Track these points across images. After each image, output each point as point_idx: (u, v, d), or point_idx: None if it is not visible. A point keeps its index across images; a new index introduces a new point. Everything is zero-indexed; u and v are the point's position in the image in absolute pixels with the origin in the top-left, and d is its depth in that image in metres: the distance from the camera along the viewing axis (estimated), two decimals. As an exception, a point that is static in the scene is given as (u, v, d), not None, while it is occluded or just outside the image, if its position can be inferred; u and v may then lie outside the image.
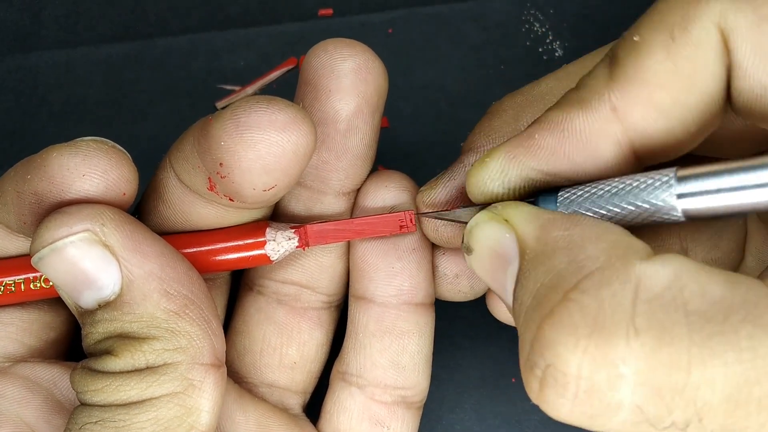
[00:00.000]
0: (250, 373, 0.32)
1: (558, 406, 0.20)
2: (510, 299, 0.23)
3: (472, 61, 0.43)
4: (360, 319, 0.31)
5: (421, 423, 0.35)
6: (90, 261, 0.24)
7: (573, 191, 0.24)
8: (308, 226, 0.28)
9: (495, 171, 0.25)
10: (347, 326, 0.32)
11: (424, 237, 0.31)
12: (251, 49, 0.43)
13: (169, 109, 0.42)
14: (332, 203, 0.30)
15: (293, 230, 0.28)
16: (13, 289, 0.28)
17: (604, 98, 0.23)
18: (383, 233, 0.29)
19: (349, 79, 0.28)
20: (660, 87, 0.22)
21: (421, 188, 0.30)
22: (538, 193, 0.25)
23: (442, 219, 0.29)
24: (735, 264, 0.30)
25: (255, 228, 0.28)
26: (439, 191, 0.29)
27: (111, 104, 0.42)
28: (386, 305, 0.30)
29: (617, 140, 0.23)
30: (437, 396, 0.37)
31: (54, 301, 0.30)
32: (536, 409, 0.37)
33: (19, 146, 0.41)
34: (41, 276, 0.28)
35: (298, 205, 0.31)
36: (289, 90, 0.42)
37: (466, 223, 0.26)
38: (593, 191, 0.24)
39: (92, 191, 0.25)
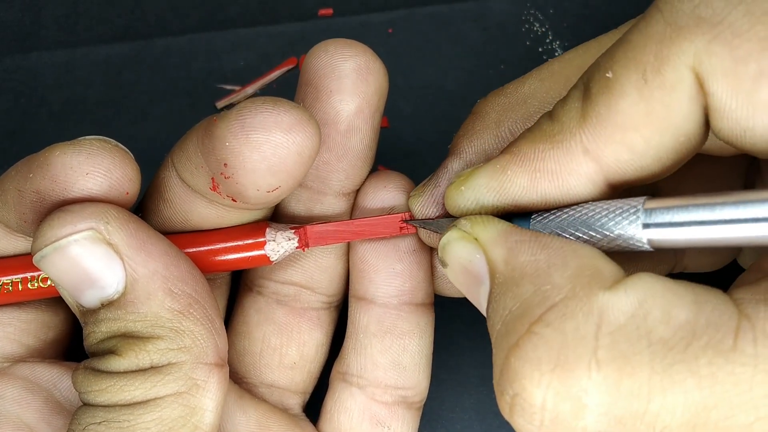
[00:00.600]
0: (249, 373, 0.32)
1: (526, 431, 0.21)
2: (485, 314, 0.23)
3: (472, 61, 0.43)
4: (360, 319, 0.31)
5: (421, 423, 0.35)
6: (94, 259, 0.24)
7: (545, 216, 0.25)
8: (308, 226, 0.29)
9: (470, 200, 0.25)
10: (347, 327, 0.32)
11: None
12: (251, 49, 0.43)
13: (169, 109, 0.42)
14: (332, 204, 0.30)
15: (293, 231, 0.28)
16: (10, 288, 0.28)
17: (576, 139, 0.23)
18: (383, 234, 0.29)
19: (350, 80, 0.28)
20: (633, 129, 0.22)
21: (411, 193, 0.30)
22: (512, 215, 0.25)
23: (425, 228, 0.29)
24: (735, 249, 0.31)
25: (255, 228, 0.28)
26: (426, 199, 0.29)
27: (111, 104, 0.42)
28: (387, 306, 0.30)
29: (591, 178, 0.23)
30: (437, 396, 0.37)
31: (52, 300, 0.30)
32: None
33: (18, 146, 0.41)
34: (39, 275, 0.28)
35: (298, 206, 0.31)
36: (289, 90, 0.42)
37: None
38: (564, 217, 0.24)
39: (95, 190, 0.25)
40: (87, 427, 0.24)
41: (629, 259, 0.30)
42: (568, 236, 0.24)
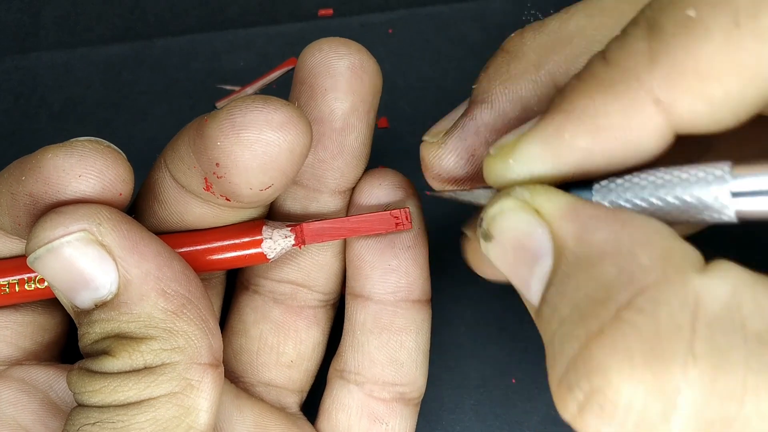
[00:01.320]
0: (246, 372, 0.32)
1: None
2: (535, 299, 0.21)
3: (472, 61, 0.42)
4: (357, 316, 0.31)
5: (420, 424, 0.35)
6: (87, 261, 0.24)
7: (611, 182, 0.22)
8: (304, 224, 0.29)
9: (521, 174, 0.22)
10: (344, 324, 0.32)
11: (420, 234, 0.31)
12: (251, 50, 0.43)
13: (169, 110, 0.42)
14: (328, 201, 0.30)
15: (289, 228, 0.28)
16: (7, 290, 0.28)
17: (645, 86, 0.20)
18: (379, 231, 0.29)
19: (345, 78, 0.28)
20: (715, 79, 0.19)
21: (425, 137, 0.27)
22: (569, 185, 0.22)
23: (456, 198, 0.26)
24: None
25: (251, 227, 0.28)
26: (447, 154, 0.27)
27: (110, 105, 0.42)
28: (383, 302, 0.30)
29: (661, 133, 0.20)
30: (437, 396, 0.37)
31: (49, 302, 0.30)
32: (537, 409, 0.37)
33: (18, 147, 0.41)
34: (35, 277, 0.28)
35: (294, 204, 0.30)
36: (288, 90, 0.42)
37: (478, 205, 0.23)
38: (636, 182, 0.21)
39: (88, 192, 0.25)
40: (81, 427, 0.24)
41: None
42: (637, 204, 0.21)
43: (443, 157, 0.27)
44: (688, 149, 0.22)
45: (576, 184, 0.22)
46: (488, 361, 0.38)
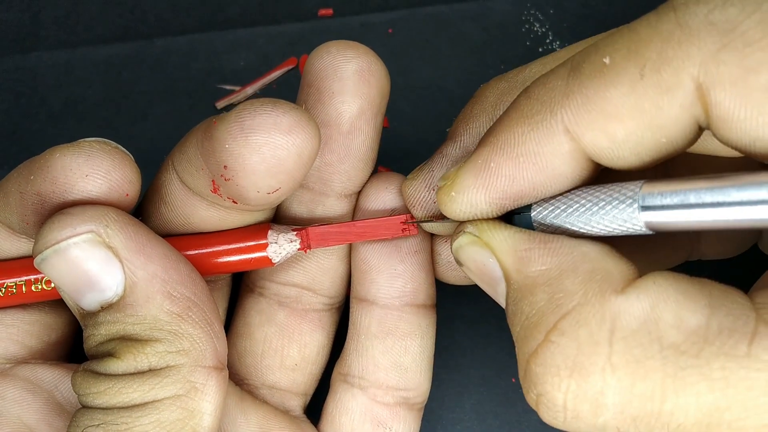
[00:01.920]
0: (251, 374, 0.32)
1: (552, 423, 0.22)
2: (504, 307, 0.24)
3: (472, 61, 0.42)
4: (362, 321, 0.31)
5: (421, 423, 0.35)
6: (93, 262, 0.24)
7: (544, 208, 0.25)
8: (310, 228, 0.28)
9: (463, 205, 0.25)
10: (349, 328, 0.32)
11: (426, 239, 0.31)
12: (251, 50, 0.43)
13: (169, 110, 0.42)
14: (334, 205, 0.30)
15: (295, 233, 0.28)
16: (14, 290, 0.28)
17: (557, 117, 0.22)
18: (385, 236, 0.29)
19: (352, 81, 0.28)
20: (617, 120, 0.21)
21: (407, 177, 0.30)
22: (511, 212, 0.25)
23: (430, 230, 0.29)
24: None
25: (257, 230, 0.28)
26: (419, 183, 0.29)
27: (110, 105, 0.42)
28: (388, 307, 0.30)
29: (573, 157, 0.23)
30: (437, 396, 0.37)
31: (55, 302, 0.30)
32: (536, 409, 0.37)
33: (18, 147, 0.41)
34: (43, 278, 0.28)
35: (300, 207, 0.30)
36: (288, 90, 0.42)
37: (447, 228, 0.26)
38: (563, 208, 0.24)
39: (95, 192, 0.25)
40: (85, 429, 0.24)
41: (645, 248, 0.30)
42: (569, 228, 0.24)
43: (417, 188, 0.29)
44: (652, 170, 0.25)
45: (517, 211, 0.25)
46: (488, 361, 0.38)
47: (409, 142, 0.42)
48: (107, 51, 0.43)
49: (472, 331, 0.38)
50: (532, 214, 0.25)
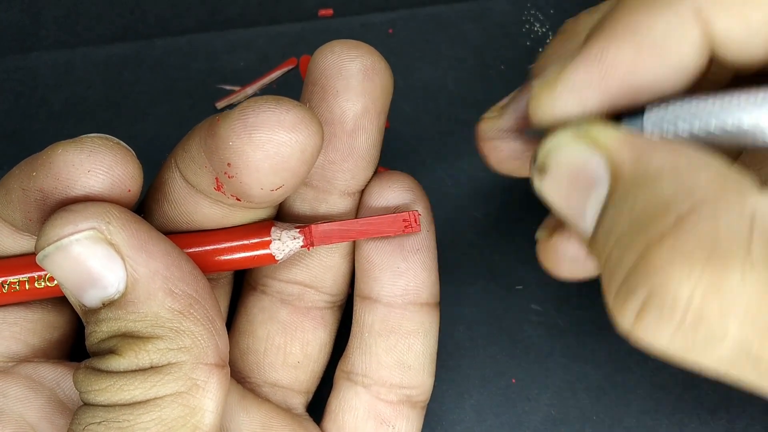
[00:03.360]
0: (253, 372, 0.32)
1: (658, 334, 0.19)
2: (588, 225, 0.22)
3: (472, 61, 0.42)
4: (365, 319, 0.31)
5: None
6: (95, 259, 0.24)
7: (662, 109, 0.22)
8: (313, 226, 0.29)
9: (569, 102, 0.23)
10: (352, 326, 0.32)
11: (430, 237, 0.31)
12: (251, 50, 0.43)
13: (169, 110, 0.42)
14: (337, 203, 0.30)
15: (298, 230, 0.29)
16: (17, 288, 0.28)
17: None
18: (388, 233, 0.29)
19: (357, 80, 0.28)
20: (757, 5, 0.20)
21: (484, 116, 0.28)
22: (620, 115, 0.23)
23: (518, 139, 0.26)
24: None
25: (260, 228, 0.28)
26: (505, 120, 0.27)
27: (111, 105, 0.42)
28: (392, 305, 0.30)
29: (701, 47, 0.21)
30: (437, 396, 0.37)
31: (58, 300, 0.30)
32: (537, 409, 0.37)
33: (18, 147, 0.41)
34: (46, 275, 0.28)
35: (303, 205, 0.31)
36: (288, 90, 0.42)
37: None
38: (685, 108, 0.21)
39: (97, 187, 0.25)
40: (87, 426, 0.24)
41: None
42: (691, 132, 0.21)
43: (501, 124, 0.27)
44: None
45: (626, 115, 0.22)
46: (488, 361, 0.38)
47: (409, 142, 0.42)
48: (107, 51, 0.43)
49: (472, 332, 0.38)
50: (646, 117, 0.22)
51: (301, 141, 0.24)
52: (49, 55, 0.43)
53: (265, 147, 0.24)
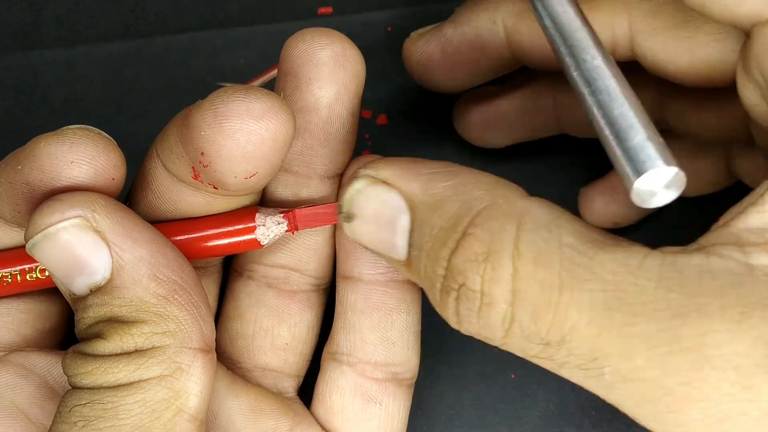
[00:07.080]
0: (243, 356, 0.33)
1: (471, 322, 0.23)
2: (402, 253, 0.26)
3: (471, 59, 0.43)
4: (348, 298, 0.31)
5: (420, 418, 0.35)
6: (82, 246, 0.25)
7: None
8: (297, 210, 0.29)
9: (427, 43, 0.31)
10: (336, 307, 0.32)
11: None
12: (251, 48, 0.43)
13: (170, 107, 0.42)
14: (318, 187, 0.31)
15: (282, 215, 0.29)
16: (9, 280, 0.28)
17: None
18: None
19: (328, 68, 0.28)
20: None
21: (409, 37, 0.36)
22: None
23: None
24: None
25: (244, 214, 0.29)
26: (423, 44, 0.35)
27: (111, 102, 0.42)
28: (373, 282, 0.31)
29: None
30: (436, 391, 0.37)
31: (49, 291, 0.30)
32: (536, 404, 0.37)
33: (19, 144, 0.41)
34: (37, 266, 0.28)
35: (285, 191, 0.31)
36: (288, 88, 0.42)
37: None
38: None
39: (81, 177, 0.26)
40: (73, 408, 0.24)
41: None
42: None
43: (423, 44, 0.35)
44: None
45: None
46: (487, 356, 0.38)
47: (408, 139, 0.42)
48: (108, 49, 0.43)
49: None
50: None
51: (272, 129, 0.24)
52: (50, 52, 0.43)
53: (236, 136, 0.24)
